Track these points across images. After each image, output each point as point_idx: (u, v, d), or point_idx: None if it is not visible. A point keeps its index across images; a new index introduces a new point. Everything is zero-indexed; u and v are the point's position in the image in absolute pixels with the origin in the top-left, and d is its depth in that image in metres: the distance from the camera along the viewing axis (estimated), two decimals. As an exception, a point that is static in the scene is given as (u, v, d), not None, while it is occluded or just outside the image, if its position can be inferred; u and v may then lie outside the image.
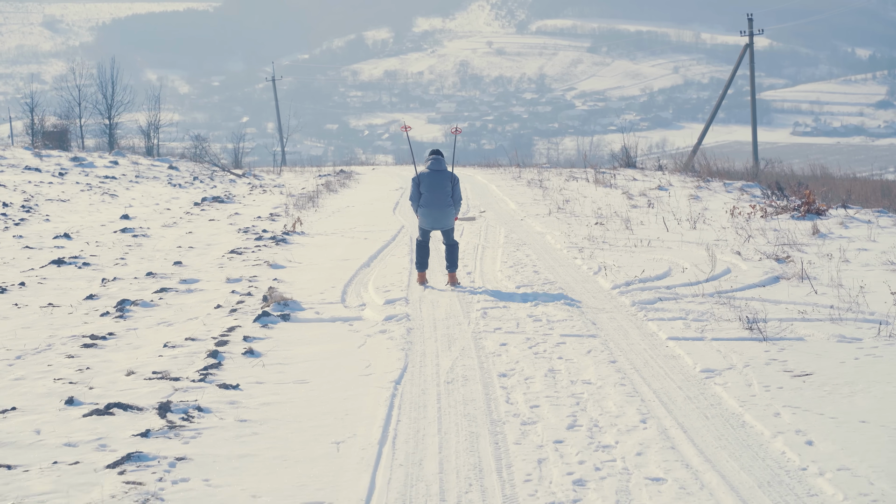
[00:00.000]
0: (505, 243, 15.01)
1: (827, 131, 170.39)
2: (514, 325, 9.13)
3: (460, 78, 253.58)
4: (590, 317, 9.40)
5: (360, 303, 10.60)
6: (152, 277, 12.63)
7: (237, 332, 9.17)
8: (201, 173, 35.21)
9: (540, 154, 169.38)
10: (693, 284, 10.75)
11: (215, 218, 20.46)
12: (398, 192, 25.57)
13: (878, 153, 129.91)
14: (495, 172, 32.83)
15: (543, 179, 27.01)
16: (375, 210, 21.38)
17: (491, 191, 25.08)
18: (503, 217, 18.89)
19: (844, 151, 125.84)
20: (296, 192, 27.83)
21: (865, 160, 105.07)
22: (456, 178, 11.90)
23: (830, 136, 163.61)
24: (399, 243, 15.60)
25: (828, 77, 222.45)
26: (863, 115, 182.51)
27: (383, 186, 28.77)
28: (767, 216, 16.75)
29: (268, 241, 16.11)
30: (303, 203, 22.86)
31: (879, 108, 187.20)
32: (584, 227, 16.34)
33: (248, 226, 18.61)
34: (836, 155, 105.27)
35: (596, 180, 25.22)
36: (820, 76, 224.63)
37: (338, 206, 22.58)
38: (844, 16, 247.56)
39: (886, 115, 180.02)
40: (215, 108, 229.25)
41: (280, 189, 29.49)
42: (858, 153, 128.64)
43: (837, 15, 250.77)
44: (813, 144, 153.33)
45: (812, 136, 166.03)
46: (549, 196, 22.19)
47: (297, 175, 38.04)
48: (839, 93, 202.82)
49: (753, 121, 44.22)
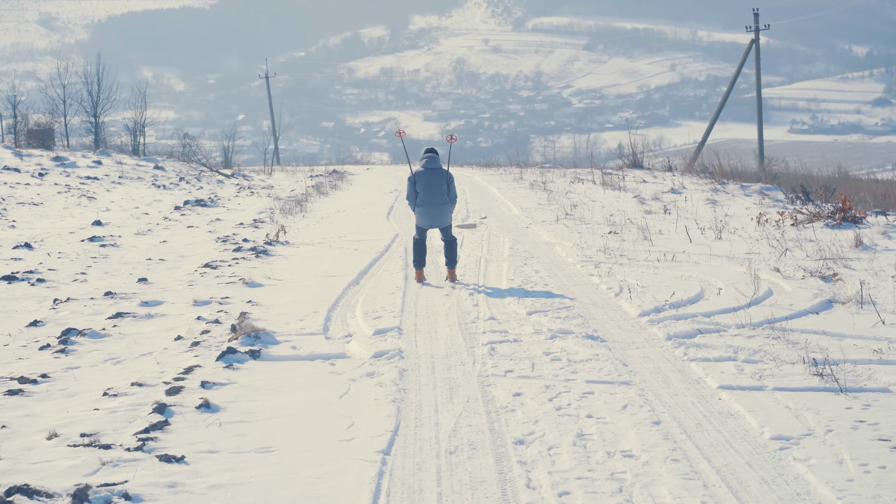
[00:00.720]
0: (510, 256, 13.47)
1: (824, 129, 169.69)
2: (529, 366, 7.57)
3: (456, 76, 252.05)
4: (619, 354, 7.85)
5: (346, 333, 9.05)
6: (111, 298, 11.06)
7: (195, 374, 7.60)
8: (188, 174, 33.67)
9: (537, 152, 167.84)
10: (734, 311, 9.20)
11: (194, 224, 18.89)
12: (393, 195, 24.02)
13: (875, 151, 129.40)
14: (495, 173, 31.29)
15: (547, 181, 25.48)
16: (368, 216, 19.82)
17: (491, 194, 23.55)
18: (506, 224, 17.35)
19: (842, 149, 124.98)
20: (285, 194, 26.30)
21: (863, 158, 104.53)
22: (451, 176, 11.97)
23: (828, 133, 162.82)
24: (393, 255, 14.07)
25: (825, 75, 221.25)
26: (860, 112, 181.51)
27: (377, 188, 27.22)
28: (798, 224, 15.20)
29: (247, 252, 14.55)
30: (290, 207, 21.30)
31: (877, 106, 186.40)
32: (597, 237, 14.80)
33: (228, 234, 17.04)
34: (833, 153, 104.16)
35: (603, 182, 23.68)
36: (817, 74, 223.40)
37: (327, 211, 21.02)
38: (841, 13, 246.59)
39: (884, 113, 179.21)
40: (211, 105, 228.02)
41: (269, 191, 27.94)
42: (856, 151, 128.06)
43: (834, 13, 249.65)
44: (810, 142, 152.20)
45: (809, 133, 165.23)
46: (554, 200, 20.67)
47: (288, 175, 36.48)
48: (836, 90, 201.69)
49: (759, 119, 42.84)
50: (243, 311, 9.91)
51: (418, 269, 11.85)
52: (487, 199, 22.15)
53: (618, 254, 13.07)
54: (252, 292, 11.25)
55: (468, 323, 9.24)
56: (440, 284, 11.45)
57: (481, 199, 22.32)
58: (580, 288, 10.88)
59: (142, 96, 45.24)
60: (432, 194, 11.65)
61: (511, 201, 21.04)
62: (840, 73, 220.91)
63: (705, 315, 9.08)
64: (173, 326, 9.44)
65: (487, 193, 23.70)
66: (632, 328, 8.84)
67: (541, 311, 9.62)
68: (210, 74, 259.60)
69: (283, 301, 10.64)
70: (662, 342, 8.23)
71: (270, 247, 15.17)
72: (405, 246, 14.61)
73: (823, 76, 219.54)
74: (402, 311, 9.85)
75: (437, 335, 8.79)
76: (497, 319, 9.31)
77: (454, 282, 11.56)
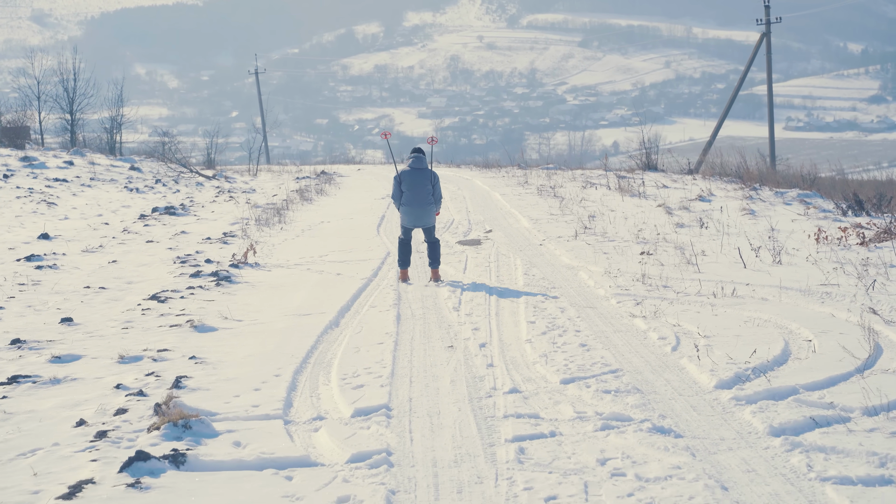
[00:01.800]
0: (526, 285, 10.99)
1: (819, 126, 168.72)
2: (580, 490, 5.05)
3: (451, 72, 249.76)
4: (708, 466, 5.32)
5: (315, 414, 6.54)
6: (16, 349, 8.55)
7: (80, 499, 5.09)
8: (166, 175, 31.11)
9: (531, 149, 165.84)
10: (845, 379, 6.69)
11: (155, 238, 16.35)
12: (384, 203, 21.53)
13: (871, 148, 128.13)
14: (496, 175, 28.77)
15: (556, 185, 23.00)
16: (355, 227, 17.33)
17: (495, 200, 21.07)
18: (516, 240, 14.86)
19: (837, 147, 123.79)
20: (265, 200, 23.77)
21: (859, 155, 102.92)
22: (436, 176, 12.06)
23: (823, 131, 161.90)
24: (383, 282, 11.61)
25: (820, 72, 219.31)
26: (855, 109, 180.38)
27: (368, 193, 24.72)
28: (868, 243, 12.71)
29: (207, 279, 12.03)
30: (268, 217, 18.77)
31: (872, 103, 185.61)
32: (629, 260, 12.32)
33: (190, 252, 14.54)
34: (829, 150, 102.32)
35: (620, 187, 21.21)
36: (812, 71, 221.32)
37: (310, 222, 18.51)
38: (836, 10, 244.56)
39: (879, 110, 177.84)
40: (204, 102, 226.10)
41: (249, 196, 25.40)
42: (852, 148, 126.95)
43: (829, 10, 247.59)
44: (806, 139, 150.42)
45: (805, 130, 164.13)
46: (568, 209, 18.19)
47: (273, 176, 33.94)
48: (831, 87, 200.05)
49: (770, 117, 41.33)
50: (180, 377, 7.39)
51: (403, 268, 11.99)
52: (491, 208, 19.69)
53: (660, 284, 10.59)
54: (200, 341, 8.73)
55: (482, 398, 6.74)
56: (426, 284, 11.54)
57: (484, 207, 19.85)
58: (623, 338, 8.38)
59: (119, 92, 42.29)
60: (417, 194, 11.79)
61: (518, 210, 18.57)
62: (835, 70, 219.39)
63: (809, 387, 6.57)
64: (81, 401, 6.91)
65: (490, 200, 21.24)
66: (712, 411, 6.33)
67: (579, 377, 7.11)
68: (204, 71, 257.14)
69: (238, 356, 8.12)
70: (766, 440, 5.71)
71: (236, 270, 12.66)
72: (399, 269, 12.17)
73: (819, 73, 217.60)
74: (392, 375, 7.36)
75: (439, 421, 6.29)
76: (521, 392, 6.81)
77: (437, 281, 11.72)
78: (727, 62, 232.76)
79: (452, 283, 11.34)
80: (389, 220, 18.16)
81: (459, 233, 16.19)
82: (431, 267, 11.95)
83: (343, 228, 17.29)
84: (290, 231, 17.15)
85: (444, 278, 11.88)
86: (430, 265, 11.96)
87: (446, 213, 18.80)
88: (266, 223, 17.97)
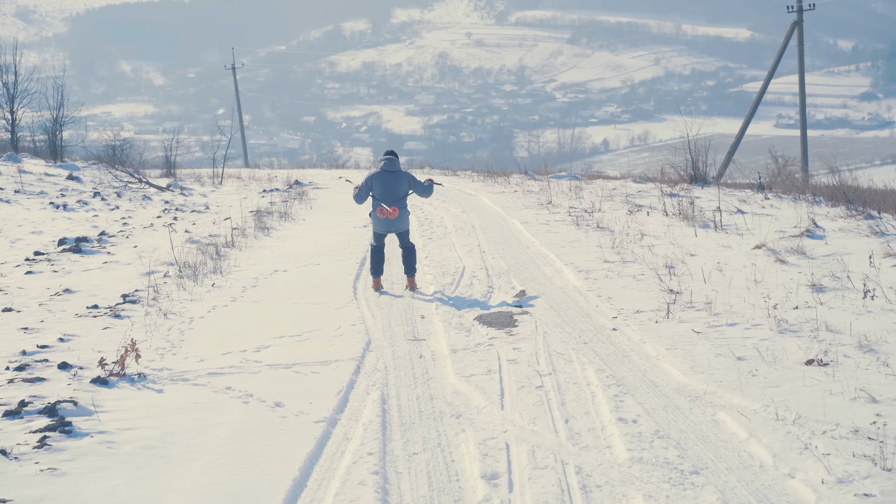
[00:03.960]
0: (631, 457, 5.60)
1: (811, 124, 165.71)
2: None
3: (439, 69, 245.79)
4: None
5: None
6: None
7: None
8: (111, 185, 25.55)
9: (521, 147, 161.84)
10: None
11: (16, 307, 10.73)
12: (366, 232, 16.19)
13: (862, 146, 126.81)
14: (505, 189, 23.30)
15: (593, 209, 17.61)
16: (322, 282, 11.91)
17: (515, 232, 15.65)
18: (569, 316, 9.40)
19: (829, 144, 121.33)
20: (215, 224, 18.36)
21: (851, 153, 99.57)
22: (412, 175, 11.41)
23: (814, 128, 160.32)
24: (365, 432, 6.22)
25: (810, 69, 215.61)
26: (846, 107, 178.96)
27: (345, 217, 19.25)
28: None
29: (32, 421, 6.52)
30: (202, 264, 13.18)
31: (863, 101, 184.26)
32: (793, 377, 6.88)
33: (49, 341, 8.95)
34: (820, 147, 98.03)
35: (682, 213, 15.75)
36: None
37: (259, 270, 12.98)
38: (827, 7, 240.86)
39: (870, 108, 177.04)
40: (191, 99, 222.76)
41: (197, 217, 20.01)
42: (843, 146, 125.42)
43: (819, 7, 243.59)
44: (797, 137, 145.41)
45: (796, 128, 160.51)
46: (626, 250, 12.78)
47: (240, 186, 28.42)
48: (822, 85, 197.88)
49: (802, 116, 38.00)
50: None
51: (375, 276, 11.45)
52: (514, 246, 14.23)
53: None
54: None
55: None
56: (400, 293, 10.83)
57: (504, 244, 14.38)
58: None
59: (59, 88, 36.46)
60: (389, 199, 11.09)
61: (554, 252, 13.09)
62: (826, 67, 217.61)
63: None
64: None
65: (509, 231, 15.75)
66: None
67: None
68: (190, 68, 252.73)
69: None
70: None
71: (97, 395, 7.16)
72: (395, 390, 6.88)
73: (809, 70, 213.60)
74: None
75: None
76: None
77: (414, 290, 11.22)
78: (717, 59, 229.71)
79: (486, 442, 5.99)
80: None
81: (476, 293, 10.83)
82: (408, 275, 11.36)
83: (304, 284, 11.80)
84: (226, 289, 11.61)
85: (465, 413, 6.63)
86: (406, 273, 11.38)
87: (452, 257, 13.54)
88: (194, 274, 12.41)
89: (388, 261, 12.60)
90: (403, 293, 11.03)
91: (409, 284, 11.37)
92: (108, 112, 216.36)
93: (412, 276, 11.38)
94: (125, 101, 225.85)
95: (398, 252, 12.38)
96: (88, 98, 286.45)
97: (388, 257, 12.60)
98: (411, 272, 11.38)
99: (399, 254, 12.30)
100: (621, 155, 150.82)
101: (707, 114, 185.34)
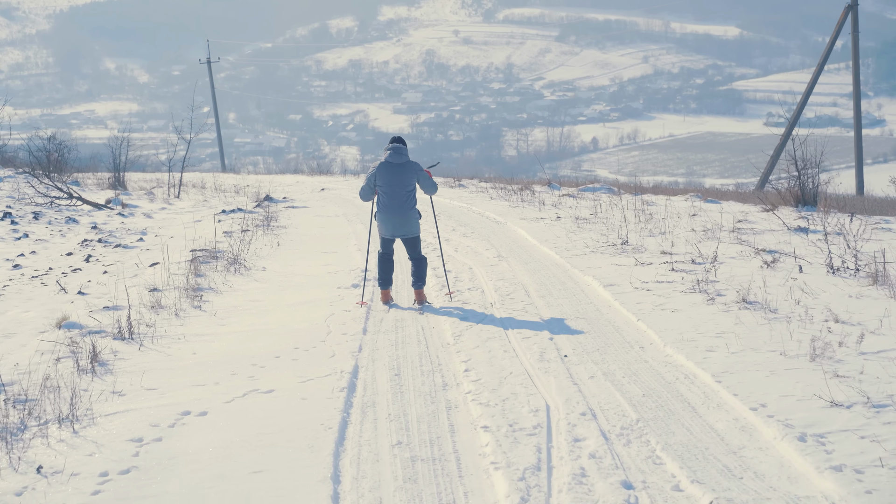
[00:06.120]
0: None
1: (801, 122, 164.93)
2: None
3: (426, 67, 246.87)
4: None
5: None
6: None
7: None
8: (32, 200, 20.95)
9: (509, 145, 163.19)
10: None
11: None
12: (360, 276, 11.72)
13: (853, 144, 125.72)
14: (542, 212, 18.41)
15: (701, 257, 11.88)
16: (267, 462, 5.44)
17: (599, 303, 9.83)
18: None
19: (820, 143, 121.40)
20: (135, 276, 12.08)
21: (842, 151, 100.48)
22: (420, 167, 9.88)
23: (804, 126, 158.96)
24: None
25: (800, 67, 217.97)
26: (836, 105, 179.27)
27: (327, 264, 13.05)
28: None
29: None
30: (98, 352, 7.77)
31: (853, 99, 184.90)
32: None
33: None
34: (811, 146, 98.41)
35: (865, 271, 10.28)
36: (791, 66, 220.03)
37: (130, 432, 5.98)
38: (815, 5, 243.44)
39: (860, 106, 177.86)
40: (175, 97, 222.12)
41: (122, 255, 14.31)
42: (834, 144, 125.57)
43: (808, 4, 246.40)
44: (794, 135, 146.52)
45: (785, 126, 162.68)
46: (847, 364, 6.81)
47: (197, 204, 22.94)
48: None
49: (857, 121, 34.75)
50: None
51: (384, 289, 10.10)
52: (613, 343, 8.12)
53: None
54: None
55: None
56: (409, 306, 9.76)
57: (595, 336, 8.34)
58: None
59: None
60: (395, 196, 9.69)
61: (704, 366, 7.02)
62: (815, 65, 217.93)
63: None
64: None
65: (588, 302, 9.92)
66: None
67: None
68: (175, 66, 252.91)
69: None
70: None
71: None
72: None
73: (798, 68, 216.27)
74: None
75: None
76: None
77: (422, 304, 9.91)
78: (705, 57, 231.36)
79: None
80: (377, 368, 7.52)
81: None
82: (416, 287, 10.02)
83: (248, 427, 6.13)
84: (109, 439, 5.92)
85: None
86: (414, 285, 10.04)
87: (515, 375, 7.23)
88: (91, 382, 7.19)
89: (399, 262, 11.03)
90: (411, 307, 9.87)
91: (416, 298, 9.96)
92: (91, 110, 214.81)
93: (420, 289, 9.95)
94: (109, 99, 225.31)
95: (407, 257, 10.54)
96: (72, 96, 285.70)
97: (399, 260, 11.16)
98: (420, 283, 9.93)
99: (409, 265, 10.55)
100: (611, 154, 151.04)
101: (696, 112, 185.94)
